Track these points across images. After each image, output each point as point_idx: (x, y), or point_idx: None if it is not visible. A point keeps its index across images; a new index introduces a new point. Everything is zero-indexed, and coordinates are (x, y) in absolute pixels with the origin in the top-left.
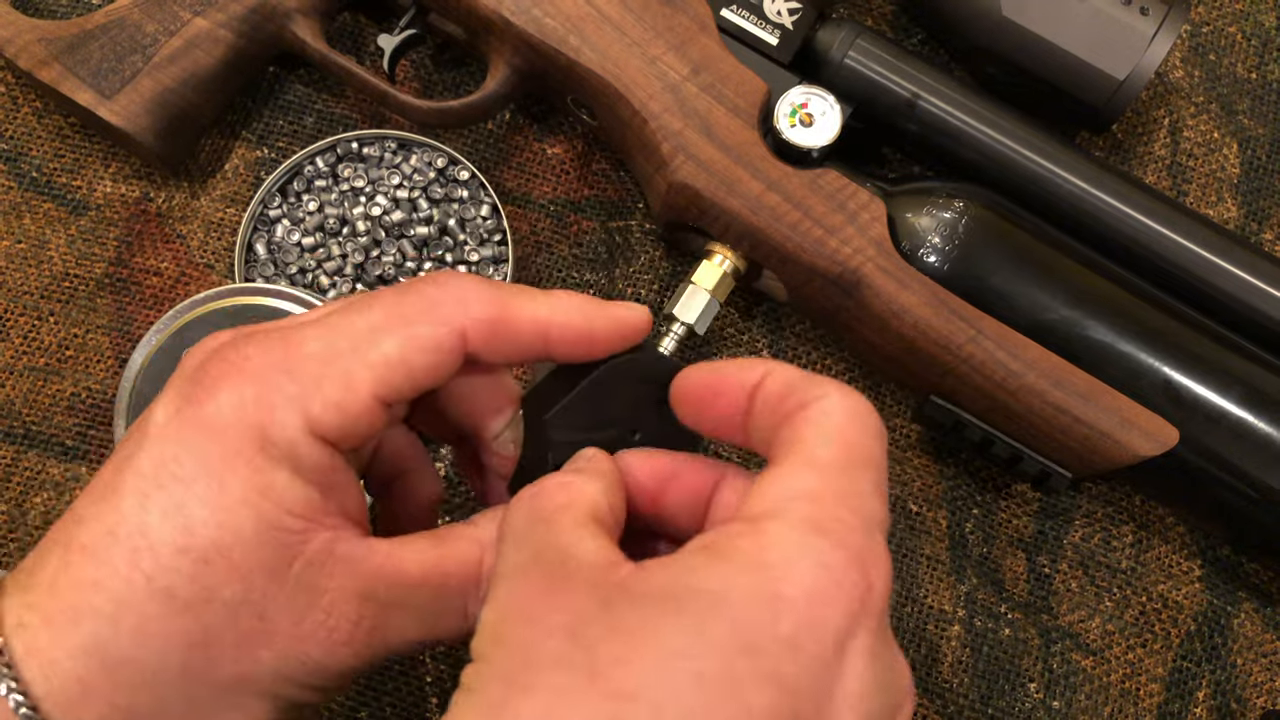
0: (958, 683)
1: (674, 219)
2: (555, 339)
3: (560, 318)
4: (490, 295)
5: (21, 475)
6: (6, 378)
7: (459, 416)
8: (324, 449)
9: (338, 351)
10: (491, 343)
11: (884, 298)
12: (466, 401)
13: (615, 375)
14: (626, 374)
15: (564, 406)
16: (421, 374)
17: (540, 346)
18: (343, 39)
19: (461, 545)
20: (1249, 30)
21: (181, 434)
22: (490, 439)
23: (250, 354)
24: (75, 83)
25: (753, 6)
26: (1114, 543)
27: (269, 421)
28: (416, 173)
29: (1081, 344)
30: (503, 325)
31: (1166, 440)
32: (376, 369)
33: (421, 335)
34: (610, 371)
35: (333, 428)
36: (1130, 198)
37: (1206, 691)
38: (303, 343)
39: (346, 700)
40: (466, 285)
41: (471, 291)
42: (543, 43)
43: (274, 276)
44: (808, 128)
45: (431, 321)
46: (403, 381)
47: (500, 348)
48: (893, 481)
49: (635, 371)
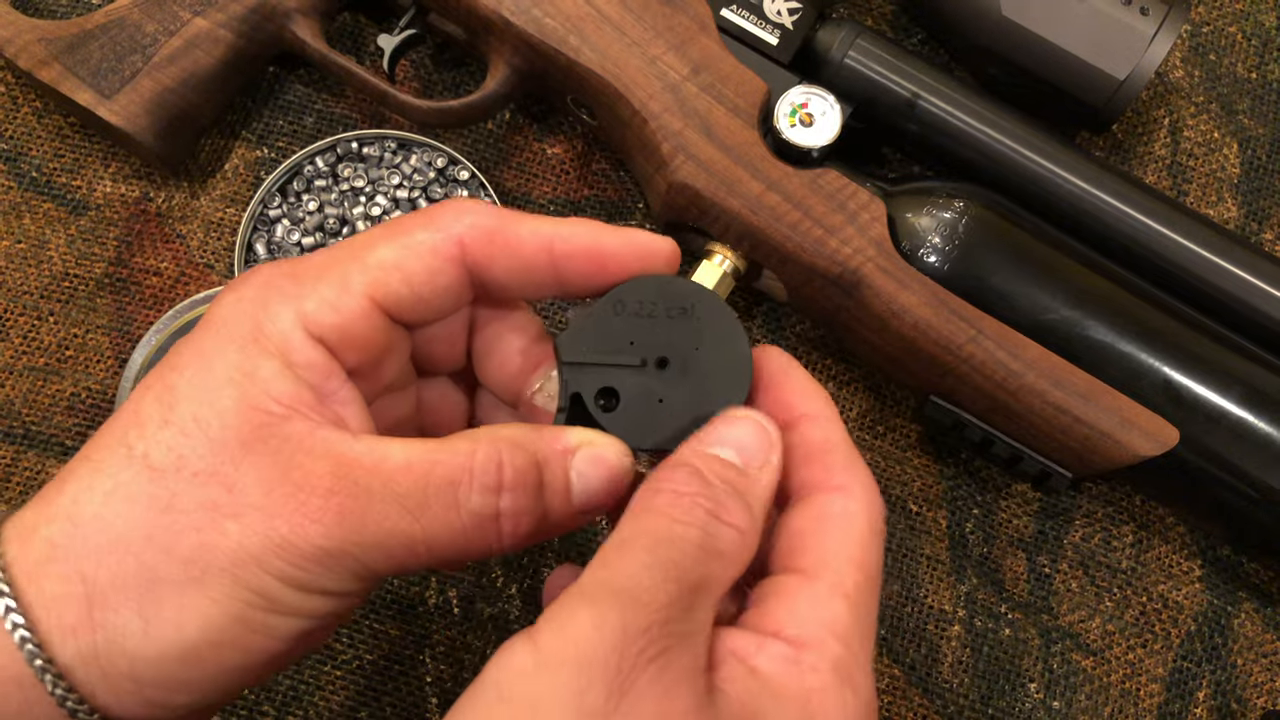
0: (958, 683)
1: (674, 219)
2: (560, 254)
3: (565, 230)
4: (490, 209)
5: (21, 475)
6: (6, 378)
7: (499, 381)
8: (318, 349)
9: (336, 259)
10: (491, 254)
11: (884, 298)
12: (501, 359)
13: (634, 293)
14: (649, 292)
15: (575, 325)
16: (420, 281)
17: (546, 263)
18: (343, 39)
19: (453, 440)
20: (1249, 30)
21: (189, 335)
22: (530, 396)
23: (261, 267)
24: (75, 82)
25: (753, 6)
26: (1114, 543)
27: (263, 315)
28: (416, 173)
29: (1082, 344)
30: (501, 235)
31: (1167, 440)
32: (371, 271)
33: (416, 240)
34: (628, 290)
35: (326, 326)
36: (1130, 198)
37: (1207, 692)
38: (309, 257)
39: (346, 700)
40: (467, 201)
41: (470, 204)
42: (542, 42)
43: None
44: (808, 128)
45: (427, 228)
46: (400, 287)
47: (502, 262)
48: (893, 481)
49: (660, 291)
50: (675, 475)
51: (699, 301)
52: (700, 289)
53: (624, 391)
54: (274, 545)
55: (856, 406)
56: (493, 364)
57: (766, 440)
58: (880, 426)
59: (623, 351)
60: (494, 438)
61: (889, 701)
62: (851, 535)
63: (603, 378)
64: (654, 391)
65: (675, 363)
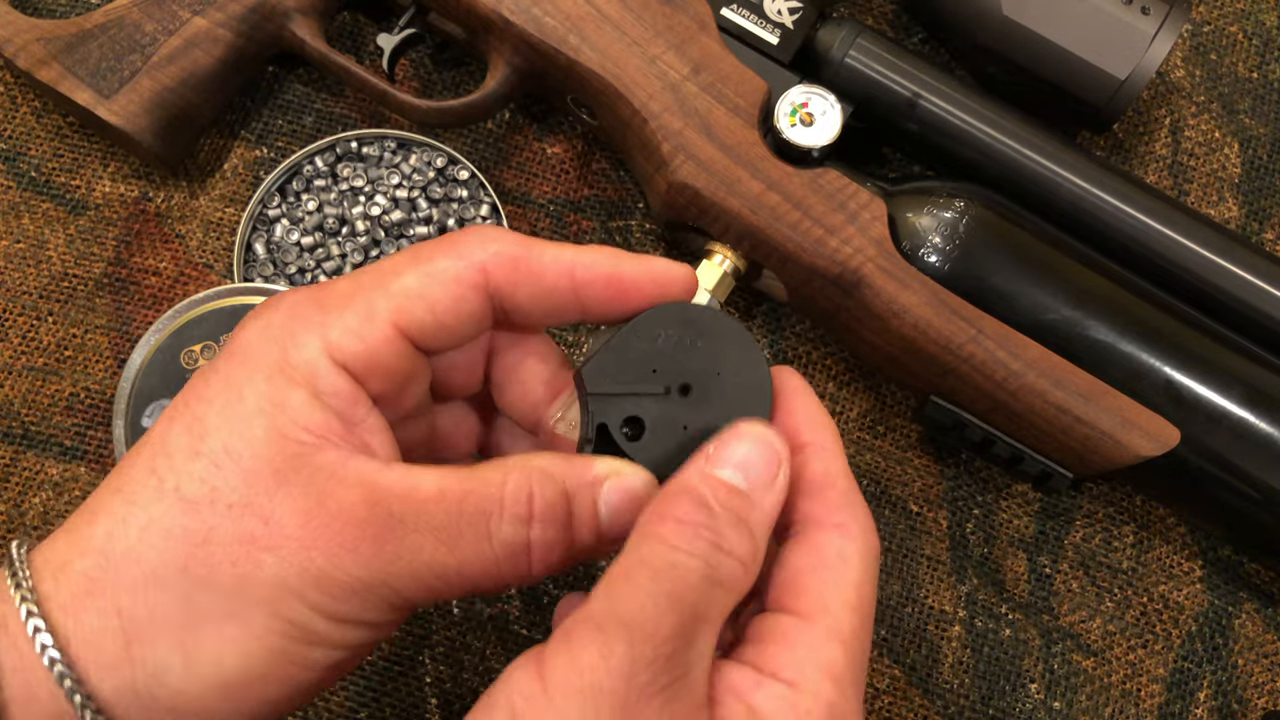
0: (958, 683)
1: (674, 219)
2: (582, 281)
3: (586, 258)
4: (513, 236)
5: (20, 475)
6: (5, 378)
7: (519, 409)
8: (344, 377)
9: (361, 286)
10: (515, 281)
11: (884, 298)
12: (522, 387)
13: (655, 323)
14: (668, 321)
15: (599, 357)
16: (443, 309)
17: (568, 290)
18: (342, 39)
19: (483, 469)
20: (1250, 30)
21: (213, 363)
22: (551, 425)
23: (286, 294)
24: (74, 82)
25: (753, 6)
26: (1115, 543)
27: (289, 344)
28: (416, 172)
29: (1082, 344)
30: (524, 263)
31: (1167, 440)
32: (396, 299)
33: (440, 268)
34: (648, 319)
35: (351, 354)
36: (1131, 197)
37: (1208, 692)
38: (334, 284)
39: (346, 701)
40: (490, 228)
41: (494, 232)
42: (542, 42)
43: (273, 276)
44: (808, 127)
45: (450, 255)
46: (424, 314)
47: (526, 289)
48: (893, 481)
49: (678, 318)
50: (680, 503)
51: (717, 326)
52: (716, 314)
53: (649, 420)
54: (311, 578)
55: (856, 406)
56: (514, 391)
57: (774, 459)
58: (880, 426)
59: (645, 380)
60: (525, 468)
61: (889, 701)
62: (848, 578)
63: (627, 407)
64: (678, 419)
65: (697, 389)
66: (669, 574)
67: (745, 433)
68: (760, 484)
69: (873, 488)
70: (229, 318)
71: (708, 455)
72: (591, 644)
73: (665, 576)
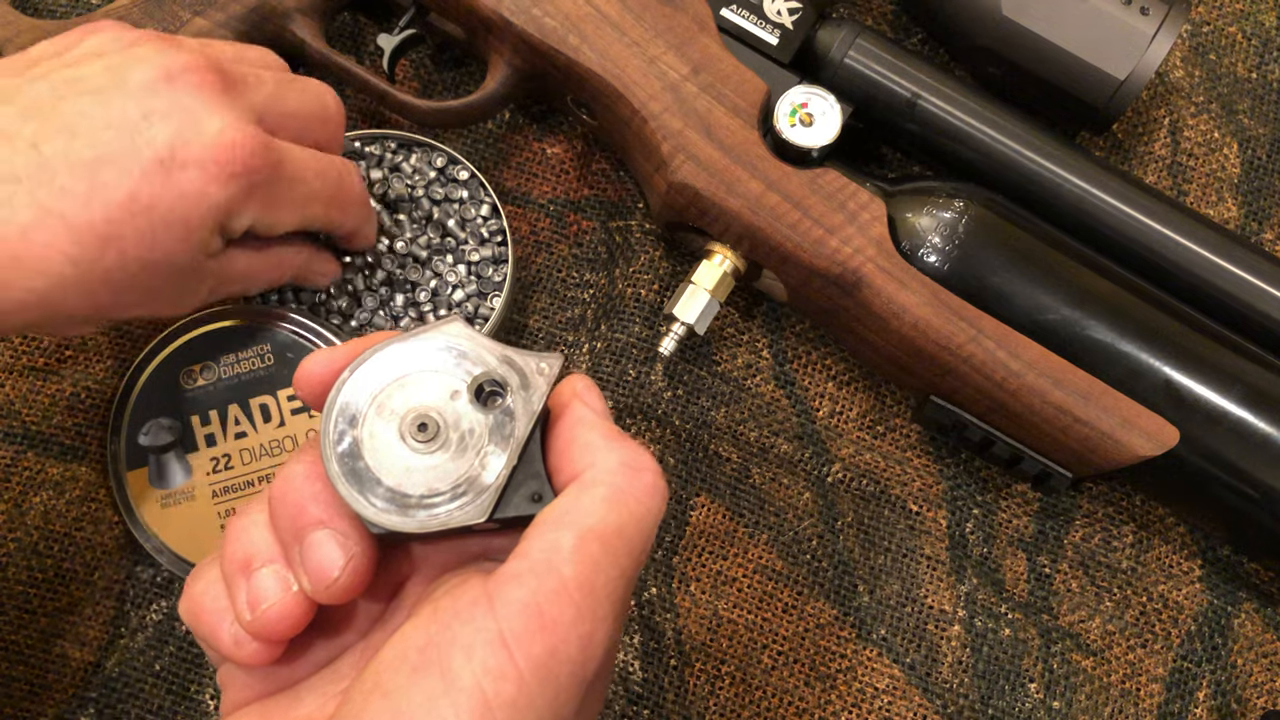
0: (958, 683)
1: (674, 219)
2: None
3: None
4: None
5: (20, 475)
6: (6, 378)
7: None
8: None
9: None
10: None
11: (884, 298)
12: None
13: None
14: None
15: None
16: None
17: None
18: (343, 39)
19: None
20: (1249, 30)
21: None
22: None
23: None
24: None
25: (753, 6)
26: (1114, 543)
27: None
28: (416, 173)
29: (1081, 344)
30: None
31: (1166, 440)
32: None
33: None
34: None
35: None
36: (1130, 197)
37: (1207, 692)
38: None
39: None
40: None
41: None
42: (542, 42)
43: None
44: (808, 127)
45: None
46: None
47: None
48: (893, 481)
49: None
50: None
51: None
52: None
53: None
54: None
55: (856, 406)
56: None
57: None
58: (880, 426)
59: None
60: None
61: (889, 701)
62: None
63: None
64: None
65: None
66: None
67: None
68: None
69: (873, 488)
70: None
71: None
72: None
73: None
